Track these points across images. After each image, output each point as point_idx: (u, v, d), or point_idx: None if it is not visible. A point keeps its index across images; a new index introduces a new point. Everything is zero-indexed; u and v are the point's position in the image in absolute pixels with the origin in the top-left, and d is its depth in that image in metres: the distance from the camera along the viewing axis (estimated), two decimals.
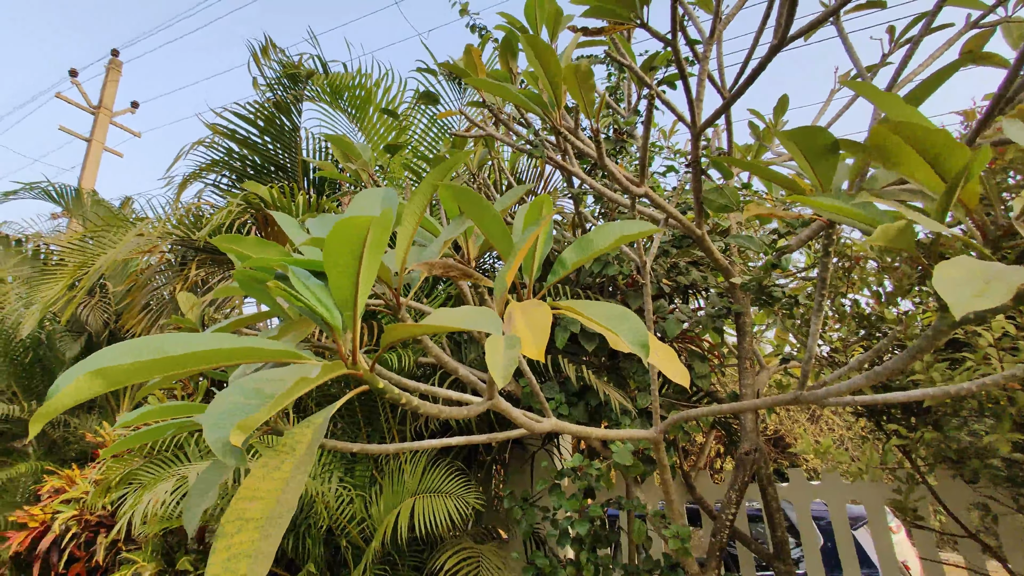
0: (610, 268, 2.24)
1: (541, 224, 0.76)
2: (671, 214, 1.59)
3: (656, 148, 2.86)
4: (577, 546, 2.24)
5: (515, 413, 1.10)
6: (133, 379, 0.57)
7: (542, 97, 1.13)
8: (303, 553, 2.63)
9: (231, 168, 3.73)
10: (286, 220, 1.09)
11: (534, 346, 0.68)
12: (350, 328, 0.67)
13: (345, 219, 0.50)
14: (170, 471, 2.64)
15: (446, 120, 3.55)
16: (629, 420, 2.13)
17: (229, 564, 0.54)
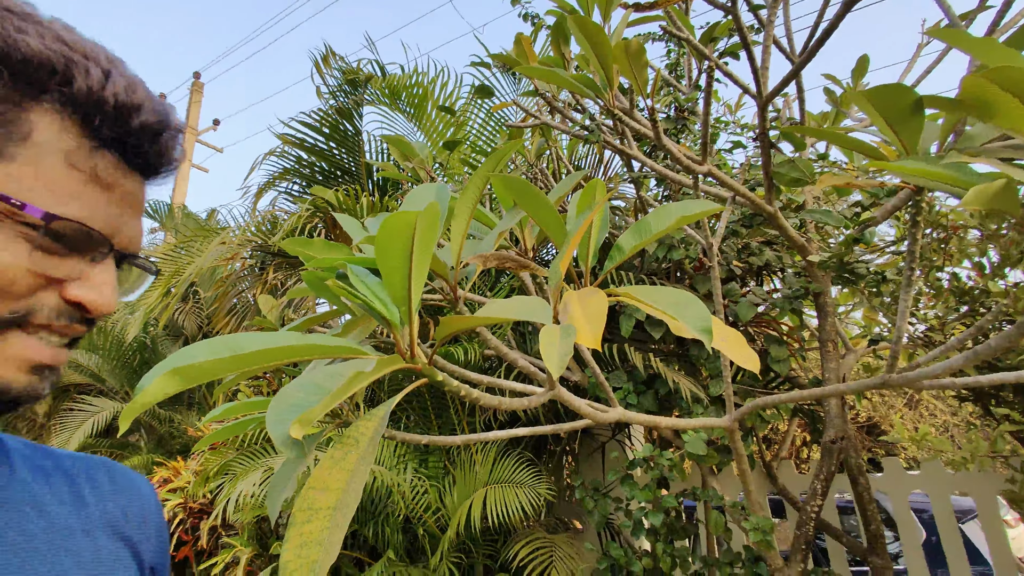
0: (676, 252, 2.16)
1: (594, 209, 0.74)
2: (738, 191, 1.51)
3: (721, 124, 2.73)
4: (652, 537, 2.20)
5: (578, 403, 1.08)
6: (209, 376, 0.61)
7: (594, 80, 1.10)
8: (383, 540, 2.74)
9: (301, 175, 3.91)
10: (348, 221, 1.12)
11: (590, 334, 0.67)
12: (407, 322, 0.68)
13: (392, 215, 0.50)
14: (259, 462, 2.82)
15: (503, 112, 3.56)
16: (701, 408, 2.05)
17: (301, 552, 0.57)
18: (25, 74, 0.38)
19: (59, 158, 0.40)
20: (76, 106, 0.40)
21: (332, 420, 1.20)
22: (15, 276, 0.38)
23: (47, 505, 0.49)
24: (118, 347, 5.46)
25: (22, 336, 0.40)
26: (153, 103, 0.45)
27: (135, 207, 0.47)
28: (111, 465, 0.61)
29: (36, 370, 0.41)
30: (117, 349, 5.48)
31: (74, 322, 0.43)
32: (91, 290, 0.43)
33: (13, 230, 0.38)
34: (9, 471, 0.49)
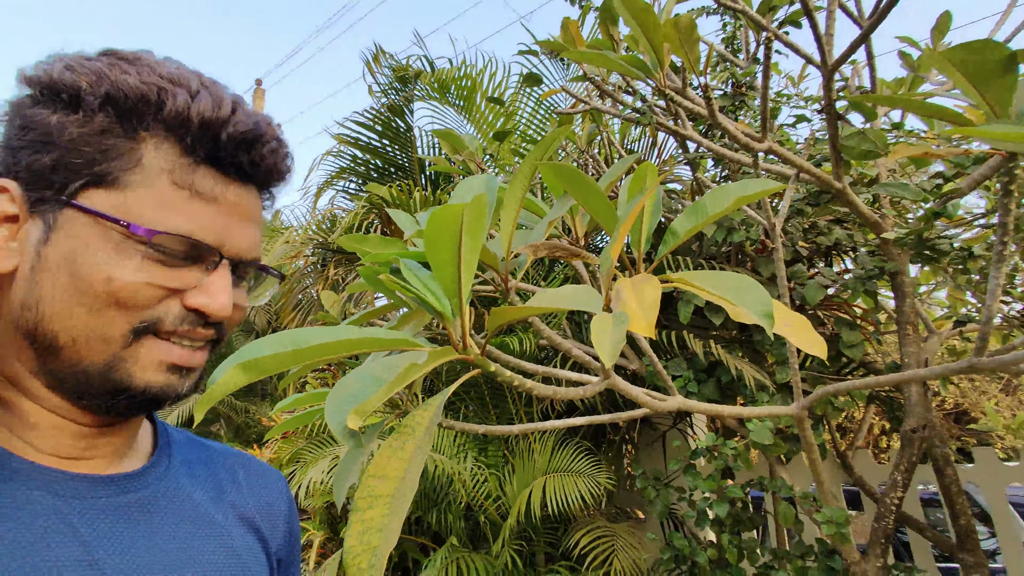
0: (736, 234, 2.07)
1: (645, 195, 0.72)
2: (802, 168, 1.43)
3: (783, 97, 2.59)
4: (718, 528, 2.14)
5: (634, 392, 1.06)
6: (274, 369, 0.63)
7: (643, 60, 1.06)
8: (446, 527, 2.81)
9: (356, 173, 4.03)
10: (400, 216, 1.15)
11: (644, 322, 0.65)
12: (458, 314, 0.69)
13: (440, 209, 0.50)
14: (326, 451, 2.95)
15: (552, 100, 3.52)
16: (767, 396, 1.97)
17: (363, 537, 0.59)
18: (128, 109, 0.43)
19: (164, 179, 0.44)
20: (170, 129, 0.44)
21: (392, 410, 1.24)
22: (136, 289, 0.43)
23: (194, 495, 0.53)
24: None
25: (156, 341, 0.44)
26: (243, 116, 0.47)
27: (243, 217, 0.50)
28: (248, 459, 0.65)
29: (171, 370, 0.46)
30: None
31: (198, 327, 0.47)
32: (206, 296, 0.46)
33: (132, 249, 0.43)
34: (168, 461, 0.54)
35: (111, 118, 0.44)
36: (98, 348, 0.43)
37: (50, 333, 0.42)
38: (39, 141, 0.43)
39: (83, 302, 0.42)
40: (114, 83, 0.43)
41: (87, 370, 0.43)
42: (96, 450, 0.48)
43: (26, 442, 0.44)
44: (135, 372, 0.44)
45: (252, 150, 0.49)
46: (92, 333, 0.42)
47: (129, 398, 0.44)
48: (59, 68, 0.44)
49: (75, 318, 0.42)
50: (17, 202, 0.44)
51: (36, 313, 0.43)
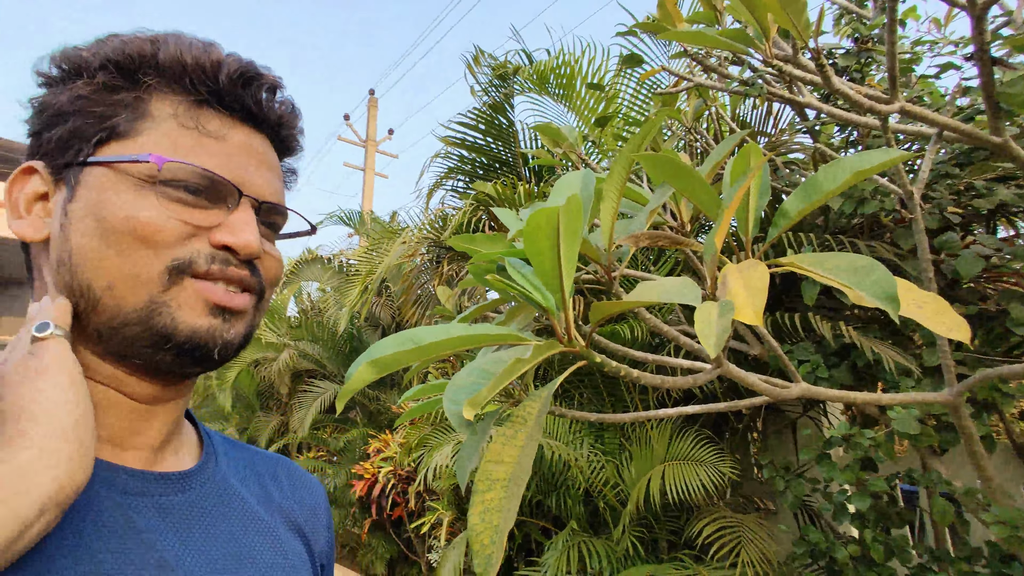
0: (867, 205, 1.87)
1: (748, 177, 0.70)
2: (946, 125, 1.27)
3: (925, 44, 2.28)
4: (859, 523, 1.98)
5: (751, 379, 1.02)
6: (397, 365, 0.71)
7: (746, 32, 1.00)
8: (566, 511, 2.87)
9: (463, 172, 4.19)
10: (505, 214, 1.19)
11: (751, 310, 0.63)
12: (561, 308, 0.72)
13: (535, 213, 0.53)
14: (450, 436, 3.13)
15: (655, 78, 3.40)
16: (912, 381, 1.78)
17: (484, 516, 0.64)
18: (127, 64, 0.46)
19: (171, 123, 0.46)
20: (170, 77, 0.47)
21: (507, 399, 1.30)
22: (159, 225, 0.43)
23: (244, 496, 0.54)
24: (333, 338, 6.44)
25: (193, 281, 0.44)
26: (236, 59, 0.49)
27: (257, 158, 0.50)
28: (289, 464, 0.66)
29: (214, 312, 0.45)
30: (332, 339, 6.47)
31: (231, 266, 0.46)
32: (231, 233, 0.46)
33: (148, 189, 0.44)
34: (215, 460, 0.55)
35: (112, 74, 0.46)
36: (136, 291, 0.42)
37: (85, 282, 0.43)
38: (53, 116, 0.46)
39: (111, 243, 0.42)
40: (112, 47, 0.46)
41: (127, 319, 0.43)
42: (142, 436, 0.47)
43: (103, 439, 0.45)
44: (178, 316, 0.43)
45: (250, 87, 0.49)
46: (126, 275, 0.42)
47: (177, 347, 0.43)
48: (63, 51, 0.47)
49: (106, 260, 0.42)
50: (45, 179, 0.46)
51: (70, 265, 0.43)
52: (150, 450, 0.48)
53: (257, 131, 0.51)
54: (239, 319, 0.47)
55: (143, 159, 0.44)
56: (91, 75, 0.46)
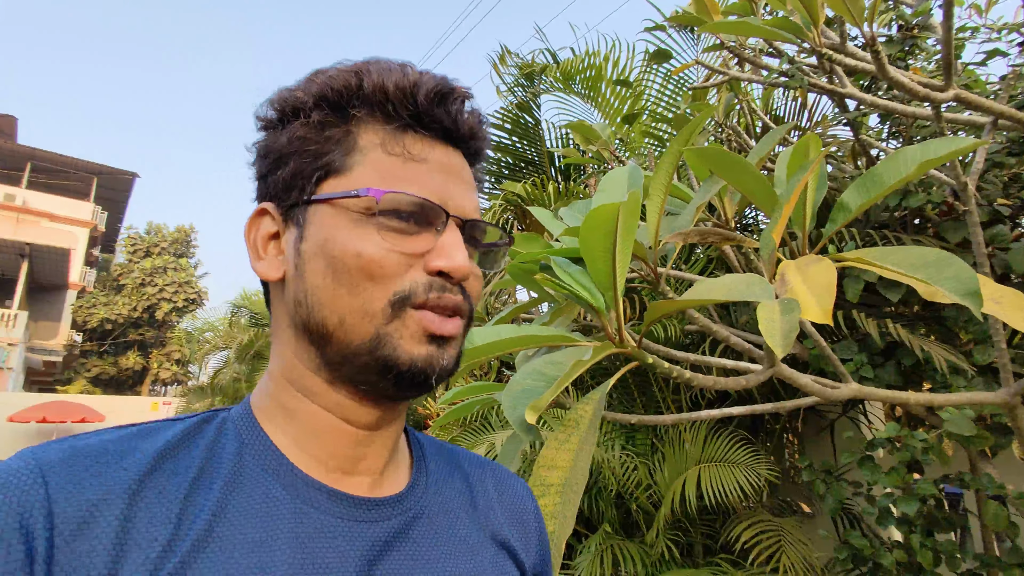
0: (912, 198, 1.81)
1: (809, 169, 0.67)
2: (1002, 114, 1.22)
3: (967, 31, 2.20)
4: (906, 528, 1.91)
5: (803, 380, 0.99)
6: None
7: (791, 20, 0.97)
8: (598, 513, 2.83)
9: (489, 172, 4.19)
10: (542, 214, 1.18)
11: (818, 308, 0.61)
12: (612, 308, 0.70)
13: (596, 209, 0.52)
14: (481, 438, 3.12)
15: (682, 74, 3.35)
16: (963, 381, 1.71)
17: None
18: (336, 99, 0.48)
19: (379, 151, 0.48)
20: (373, 105, 0.48)
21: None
22: (382, 258, 0.45)
23: (450, 513, 0.53)
24: None
25: (412, 312, 0.45)
26: (429, 76, 0.50)
27: (456, 175, 0.51)
28: (495, 468, 0.63)
29: (431, 340, 0.46)
30: None
31: (446, 292, 0.47)
32: (444, 258, 0.46)
33: (368, 223, 0.46)
34: (426, 477, 0.55)
35: (324, 111, 0.48)
36: (363, 325, 0.45)
37: (320, 319, 0.46)
38: (277, 159, 0.49)
39: (343, 282, 0.45)
40: (320, 83, 0.49)
41: (357, 350, 0.45)
42: (366, 461, 0.49)
43: (309, 454, 0.47)
44: (400, 345, 0.45)
45: (446, 104, 0.50)
46: (356, 311, 0.45)
47: (398, 375, 0.45)
48: (278, 94, 0.50)
49: (339, 299, 0.45)
50: (276, 219, 0.50)
51: (307, 304, 0.46)
52: (373, 475, 0.50)
53: (453, 147, 0.52)
54: (452, 344, 0.48)
55: (361, 193, 0.46)
56: (307, 115, 0.48)
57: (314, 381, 0.48)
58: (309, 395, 0.48)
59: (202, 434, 0.46)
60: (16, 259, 18.91)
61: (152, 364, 24.21)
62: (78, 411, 13.04)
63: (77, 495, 0.38)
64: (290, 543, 0.42)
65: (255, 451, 0.46)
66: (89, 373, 22.91)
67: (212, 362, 11.80)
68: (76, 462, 0.40)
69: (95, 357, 23.55)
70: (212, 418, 0.49)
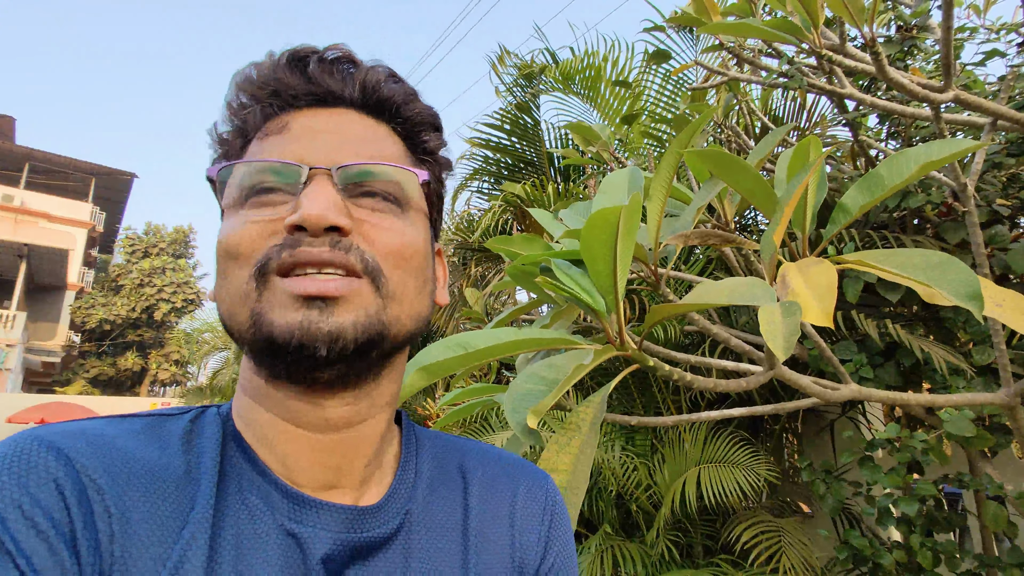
0: (912, 199, 1.81)
1: (810, 171, 0.67)
2: (1001, 115, 1.22)
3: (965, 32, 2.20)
4: (906, 528, 1.91)
5: (804, 381, 0.99)
6: (447, 371, 0.70)
7: (791, 21, 0.97)
8: (598, 514, 2.83)
9: (488, 172, 4.19)
10: (542, 215, 1.18)
11: (820, 311, 0.61)
12: (613, 310, 0.70)
13: (597, 212, 0.52)
14: (481, 439, 3.12)
15: (681, 74, 3.35)
16: (963, 381, 1.71)
17: None
18: (239, 105, 0.48)
19: (253, 144, 0.46)
20: (256, 99, 0.47)
21: None
22: (240, 236, 0.42)
23: (437, 520, 0.48)
24: None
25: (280, 279, 0.40)
26: (291, 49, 0.48)
27: (327, 132, 0.46)
28: (497, 455, 0.56)
29: (306, 303, 0.40)
30: None
31: (300, 246, 0.41)
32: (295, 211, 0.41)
33: (236, 209, 0.44)
34: (413, 479, 0.49)
35: (252, 108, 0.47)
36: (242, 310, 0.41)
37: (223, 317, 0.43)
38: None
39: (220, 272, 0.43)
40: (230, 96, 0.48)
41: (244, 336, 0.41)
42: (344, 473, 0.45)
43: (295, 473, 0.43)
44: (271, 318, 0.39)
45: (302, 69, 0.46)
46: (232, 296, 0.41)
47: (280, 350, 0.39)
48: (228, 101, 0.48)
49: (221, 290, 0.42)
50: None
51: (219, 308, 0.44)
52: (356, 487, 0.45)
53: (326, 107, 0.47)
54: (343, 306, 0.40)
55: (210, 179, 0.44)
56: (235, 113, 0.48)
57: (260, 386, 0.43)
58: (261, 403, 0.43)
59: (192, 442, 0.43)
60: (14, 260, 18.89)
61: (151, 365, 24.18)
62: (77, 412, 13.02)
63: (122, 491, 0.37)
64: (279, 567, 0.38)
65: (237, 465, 0.42)
66: (88, 374, 22.89)
67: (211, 363, 11.81)
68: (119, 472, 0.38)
69: (94, 358, 23.53)
70: (200, 426, 0.44)
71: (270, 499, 0.41)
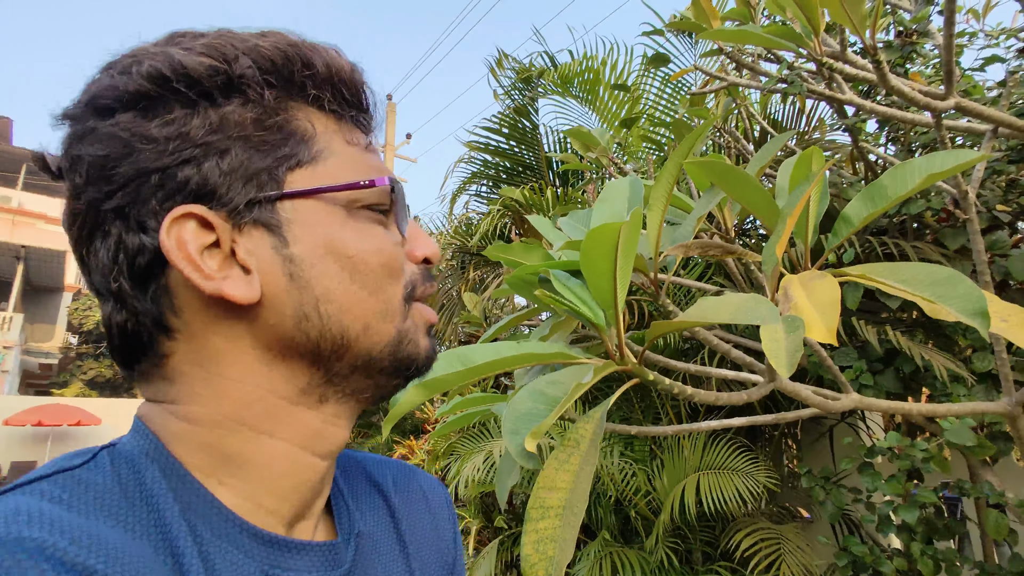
0: (912, 204, 1.80)
1: (812, 183, 0.66)
2: (1001, 122, 1.21)
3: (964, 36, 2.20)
4: (906, 535, 1.90)
5: (805, 393, 0.98)
6: (447, 386, 0.68)
7: (792, 28, 0.96)
8: (596, 520, 2.82)
9: (487, 176, 4.18)
10: (540, 222, 1.17)
11: (823, 327, 0.60)
12: (613, 324, 0.69)
13: (597, 228, 0.50)
14: (479, 446, 3.11)
15: (681, 79, 3.34)
16: (964, 389, 1.70)
17: (539, 547, 0.61)
18: (286, 78, 0.40)
19: (339, 140, 0.42)
20: (319, 88, 0.41)
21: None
22: (396, 254, 0.42)
23: (380, 539, 0.47)
24: None
25: (417, 305, 0.44)
26: (355, 64, 0.45)
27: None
28: (397, 467, 0.58)
29: (428, 329, 0.45)
30: None
31: (431, 278, 0.46)
32: (423, 245, 0.45)
33: (363, 215, 0.41)
34: (345, 501, 0.47)
35: (277, 88, 0.39)
36: (386, 327, 0.41)
37: (339, 330, 0.39)
38: (201, 147, 0.37)
39: (364, 284, 0.40)
40: (253, 52, 0.38)
41: (380, 354, 0.41)
42: (319, 499, 0.43)
43: (266, 508, 0.39)
44: (417, 340, 0.43)
45: (366, 93, 0.46)
46: (378, 312, 0.40)
47: (417, 371, 0.43)
48: (178, 64, 0.36)
49: (362, 303, 0.39)
50: (215, 224, 0.37)
51: (319, 316, 0.38)
52: (316, 516, 0.44)
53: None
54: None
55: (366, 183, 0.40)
56: (256, 92, 0.38)
57: (288, 410, 0.39)
58: (273, 431, 0.39)
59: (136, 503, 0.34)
60: (11, 261, 18.84)
61: None
62: (74, 414, 12.96)
63: None
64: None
65: (201, 514, 0.36)
66: (85, 376, 22.80)
67: None
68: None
69: (91, 360, 23.45)
70: (127, 477, 0.35)
71: (247, 548, 0.37)
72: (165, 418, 0.38)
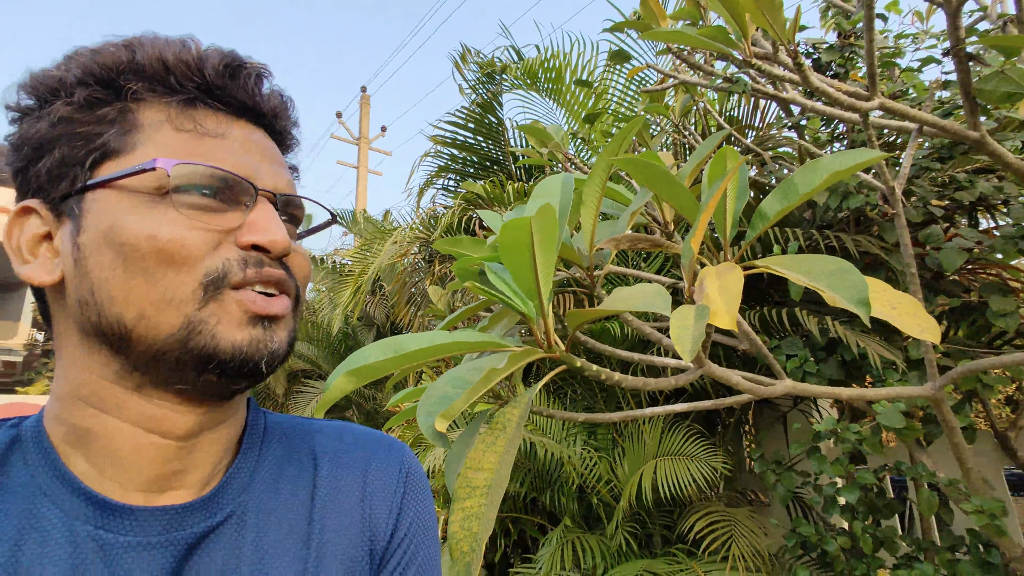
0: (853, 199, 1.89)
1: (725, 180, 0.70)
2: (925, 122, 1.28)
3: (907, 38, 2.30)
4: (849, 515, 2.01)
5: (735, 379, 1.03)
6: (379, 374, 0.71)
7: (725, 30, 1.01)
8: (560, 507, 2.88)
9: (454, 171, 4.19)
10: (489, 216, 1.20)
11: (726, 314, 0.64)
12: (540, 314, 0.72)
13: (508, 223, 0.54)
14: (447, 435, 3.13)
15: (643, 74, 3.40)
16: (897, 375, 1.80)
17: (464, 524, 0.65)
18: (105, 75, 0.42)
19: (167, 128, 0.42)
20: (152, 79, 0.43)
21: (496, 400, 1.31)
22: (184, 239, 0.40)
23: (277, 509, 0.47)
24: (328, 338, 6.43)
25: (232, 293, 0.41)
26: (218, 50, 0.45)
27: (261, 151, 0.47)
28: (352, 433, 0.58)
29: (254, 322, 0.42)
30: (327, 340, 6.46)
31: (265, 267, 0.43)
32: (259, 232, 0.43)
33: (164, 203, 0.40)
34: (254, 467, 0.48)
35: (91, 88, 0.42)
36: (170, 315, 0.39)
37: (115, 317, 0.39)
38: (37, 147, 0.42)
39: (137, 271, 0.39)
40: (84, 59, 0.43)
41: (166, 345, 0.39)
42: (187, 474, 0.44)
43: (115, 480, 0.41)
44: (219, 332, 0.40)
45: (238, 78, 0.46)
46: (156, 301, 0.39)
47: (221, 366, 0.40)
48: (32, 76, 0.43)
49: (134, 290, 0.39)
50: (44, 217, 0.42)
51: (95, 303, 0.40)
52: (199, 487, 0.44)
53: (255, 125, 0.48)
54: (280, 326, 0.44)
55: (148, 167, 0.40)
56: (69, 94, 0.42)
57: (115, 392, 0.41)
58: (109, 411, 0.41)
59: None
60: None
61: None
62: None
63: None
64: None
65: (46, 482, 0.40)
66: (51, 373, 22.04)
67: None
68: None
69: None
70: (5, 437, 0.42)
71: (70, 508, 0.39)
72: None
